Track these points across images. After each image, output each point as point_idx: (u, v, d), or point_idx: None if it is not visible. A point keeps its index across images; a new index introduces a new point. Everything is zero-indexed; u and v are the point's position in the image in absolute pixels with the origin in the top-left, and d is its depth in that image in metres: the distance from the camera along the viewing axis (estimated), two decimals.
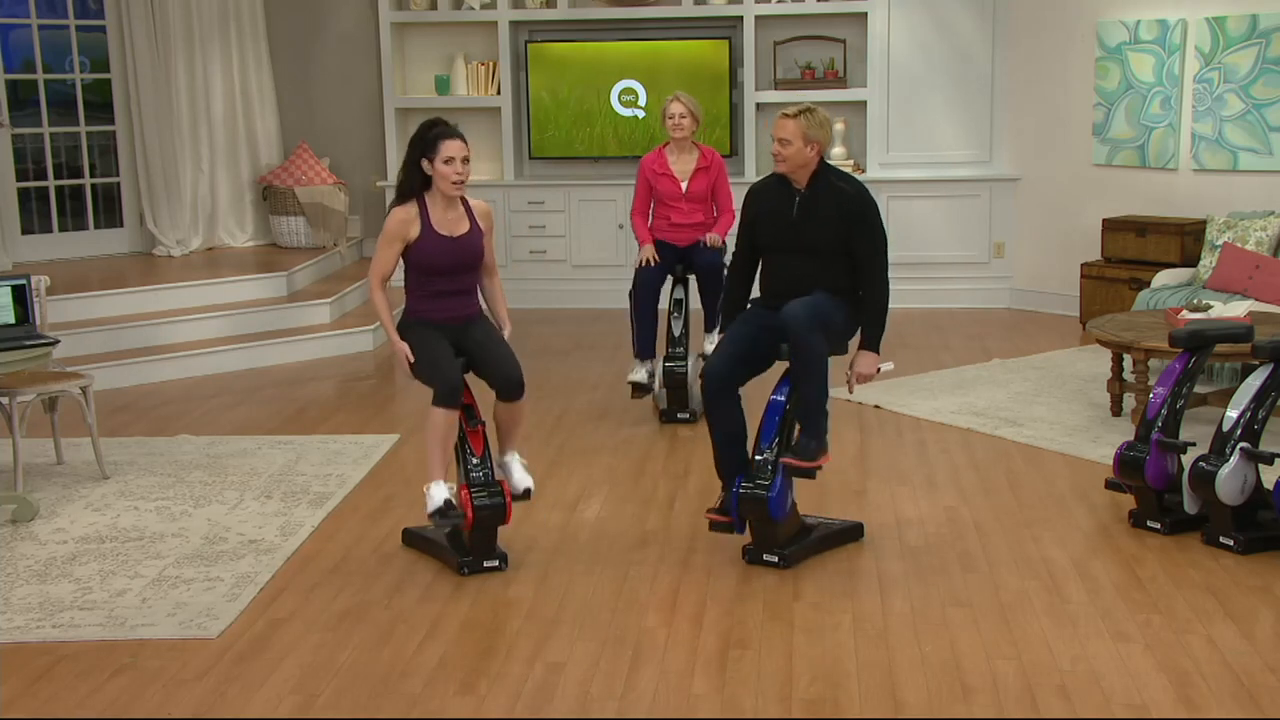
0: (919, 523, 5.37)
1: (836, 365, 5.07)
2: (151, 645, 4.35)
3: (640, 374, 6.96)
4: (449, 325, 4.98)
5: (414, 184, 4.90)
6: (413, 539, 5.16)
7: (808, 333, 4.78)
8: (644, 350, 6.97)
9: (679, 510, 5.56)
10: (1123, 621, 4.39)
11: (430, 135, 4.83)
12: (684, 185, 6.89)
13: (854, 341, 5.11)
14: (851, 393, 5.37)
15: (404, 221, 4.87)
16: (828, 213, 4.93)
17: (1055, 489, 5.75)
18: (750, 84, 9.97)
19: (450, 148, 4.80)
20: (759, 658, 4.17)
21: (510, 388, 4.96)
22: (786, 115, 4.92)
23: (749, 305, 5.18)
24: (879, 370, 5.11)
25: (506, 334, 5.10)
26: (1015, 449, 6.34)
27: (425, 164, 4.84)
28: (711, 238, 6.86)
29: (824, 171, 4.99)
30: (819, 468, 4.90)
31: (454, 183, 4.83)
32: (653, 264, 6.88)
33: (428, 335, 4.93)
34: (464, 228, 4.94)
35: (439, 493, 4.88)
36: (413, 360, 4.89)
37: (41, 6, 9.57)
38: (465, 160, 4.84)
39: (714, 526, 5.00)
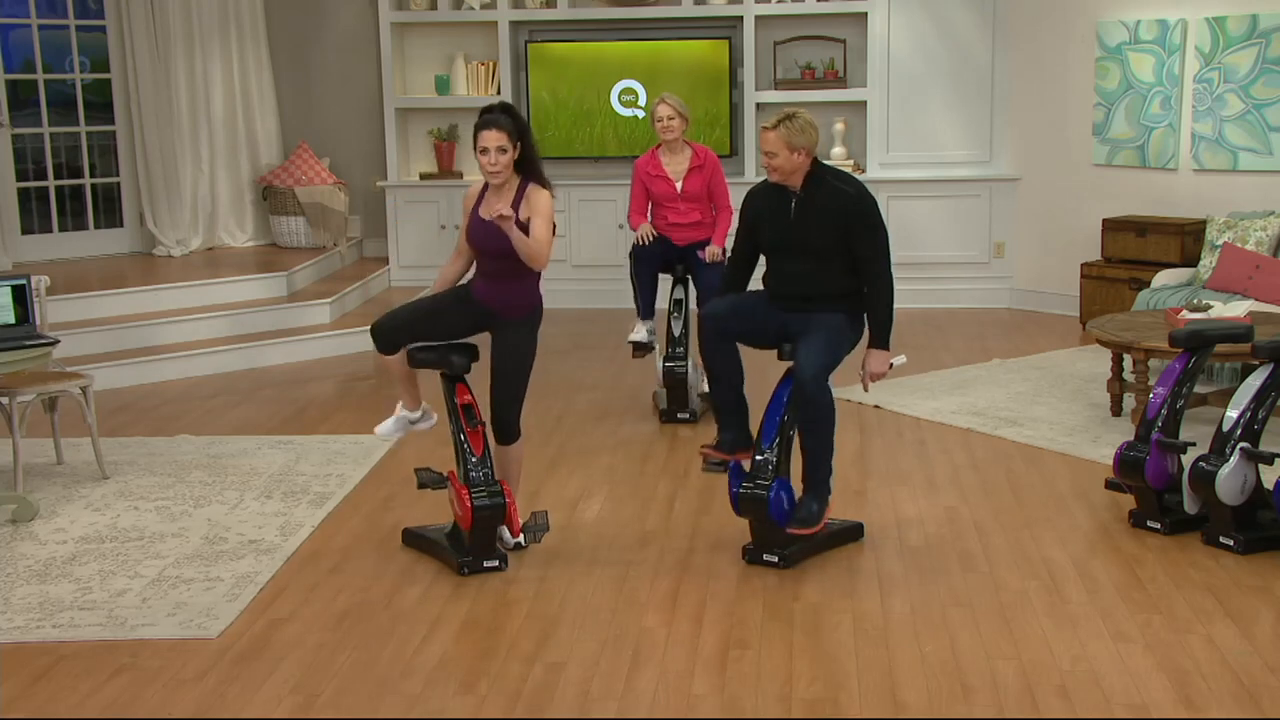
0: (919, 523, 5.37)
1: (845, 366, 5.08)
2: (151, 645, 4.35)
3: (641, 333, 7.05)
4: (484, 307, 4.98)
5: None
6: (413, 539, 5.16)
7: (820, 393, 4.86)
8: (645, 310, 7.04)
9: (679, 510, 5.56)
10: (1123, 621, 4.39)
11: (477, 124, 4.87)
12: (678, 185, 6.90)
13: (862, 341, 5.12)
14: (866, 391, 5.38)
15: (469, 197, 5.00)
16: (826, 213, 4.93)
17: (1055, 489, 5.75)
18: (750, 84, 9.97)
19: (484, 138, 4.83)
20: (759, 658, 4.17)
21: (496, 426, 5.00)
22: (766, 128, 4.94)
23: (760, 292, 5.19)
24: (891, 365, 5.12)
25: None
26: (1015, 449, 6.34)
27: (475, 150, 4.88)
28: (711, 252, 6.85)
29: (819, 172, 5.00)
30: (824, 528, 4.97)
31: (489, 171, 4.86)
32: (649, 241, 6.91)
33: (444, 296, 5.02)
34: (506, 199, 4.91)
35: (389, 420, 5.17)
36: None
37: (41, 6, 9.57)
38: (501, 149, 4.82)
39: (708, 463, 5.06)
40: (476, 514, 4.78)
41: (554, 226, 4.98)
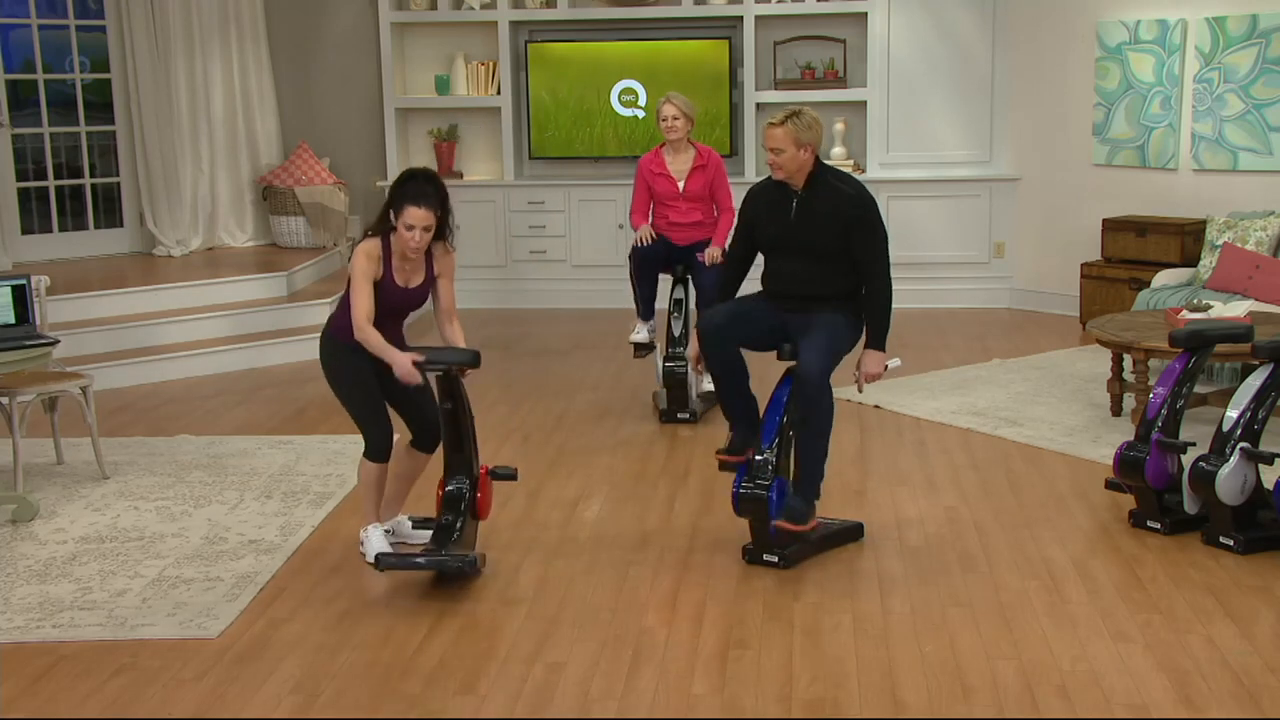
0: (919, 523, 5.37)
1: (842, 366, 5.08)
2: (151, 645, 4.35)
3: (642, 333, 7.06)
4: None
5: (384, 226, 4.83)
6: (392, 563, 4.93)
7: (820, 392, 4.85)
8: (645, 311, 7.04)
9: (679, 510, 5.56)
10: (1123, 621, 4.39)
11: (401, 193, 4.75)
12: (681, 185, 6.90)
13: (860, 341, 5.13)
14: (861, 392, 5.38)
15: (371, 259, 4.78)
16: (826, 213, 4.94)
17: (1055, 489, 5.75)
18: (750, 84, 9.97)
19: (412, 215, 4.70)
20: (759, 658, 4.17)
21: (431, 436, 4.97)
22: (773, 124, 4.93)
23: (756, 295, 5.18)
24: (886, 368, 5.12)
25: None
26: (1015, 449, 6.34)
27: (392, 216, 4.77)
28: (711, 254, 6.85)
29: (821, 171, 5.00)
30: (810, 531, 4.95)
31: (412, 248, 4.77)
32: (649, 242, 6.91)
33: (364, 375, 4.85)
34: (419, 279, 4.91)
35: (376, 537, 4.93)
36: (414, 385, 4.78)
37: (41, 6, 9.57)
38: (427, 229, 4.74)
39: (724, 466, 5.02)
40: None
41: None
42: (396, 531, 5.18)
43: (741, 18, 9.94)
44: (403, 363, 4.71)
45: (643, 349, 7.10)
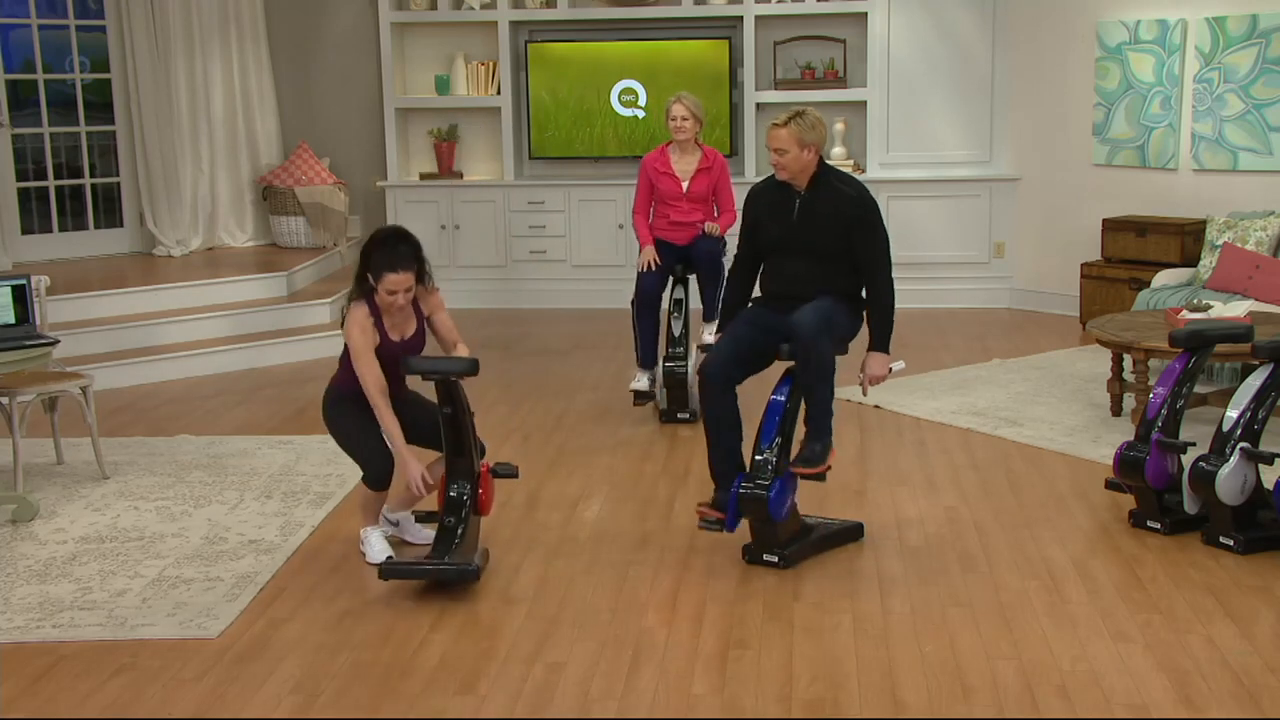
0: (919, 523, 5.37)
1: (844, 367, 5.08)
2: (151, 645, 4.35)
3: (643, 382, 6.98)
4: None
5: (365, 289, 4.85)
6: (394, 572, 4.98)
7: (817, 338, 4.80)
8: (646, 359, 6.99)
9: (679, 510, 5.56)
10: (1123, 621, 4.39)
11: (374, 260, 4.77)
12: (685, 185, 6.90)
13: (862, 343, 5.11)
14: (865, 394, 5.38)
15: (366, 331, 4.82)
16: (828, 214, 4.93)
17: (1055, 489, 5.75)
18: (750, 84, 9.98)
19: (391, 282, 4.74)
20: (759, 658, 4.17)
21: (431, 444, 4.98)
22: (777, 125, 4.92)
23: (750, 304, 5.18)
24: (890, 370, 5.12)
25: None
26: (1015, 449, 6.34)
27: (370, 279, 4.80)
28: (710, 226, 6.86)
29: (824, 172, 5.00)
30: (829, 469, 4.94)
31: (398, 307, 4.82)
32: (654, 267, 6.88)
33: (361, 418, 4.92)
34: (412, 328, 4.95)
35: (376, 538, 5.00)
36: (427, 484, 4.85)
37: (41, 6, 9.57)
38: (408, 290, 4.79)
39: (704, 521, 4.96)
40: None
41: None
42: (401, 525, 5.19)
43: (741, 18, 9.94)
44: (414, 474, 4.81)
45: (643, 397, 6.99)
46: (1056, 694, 3.90)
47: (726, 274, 5.50)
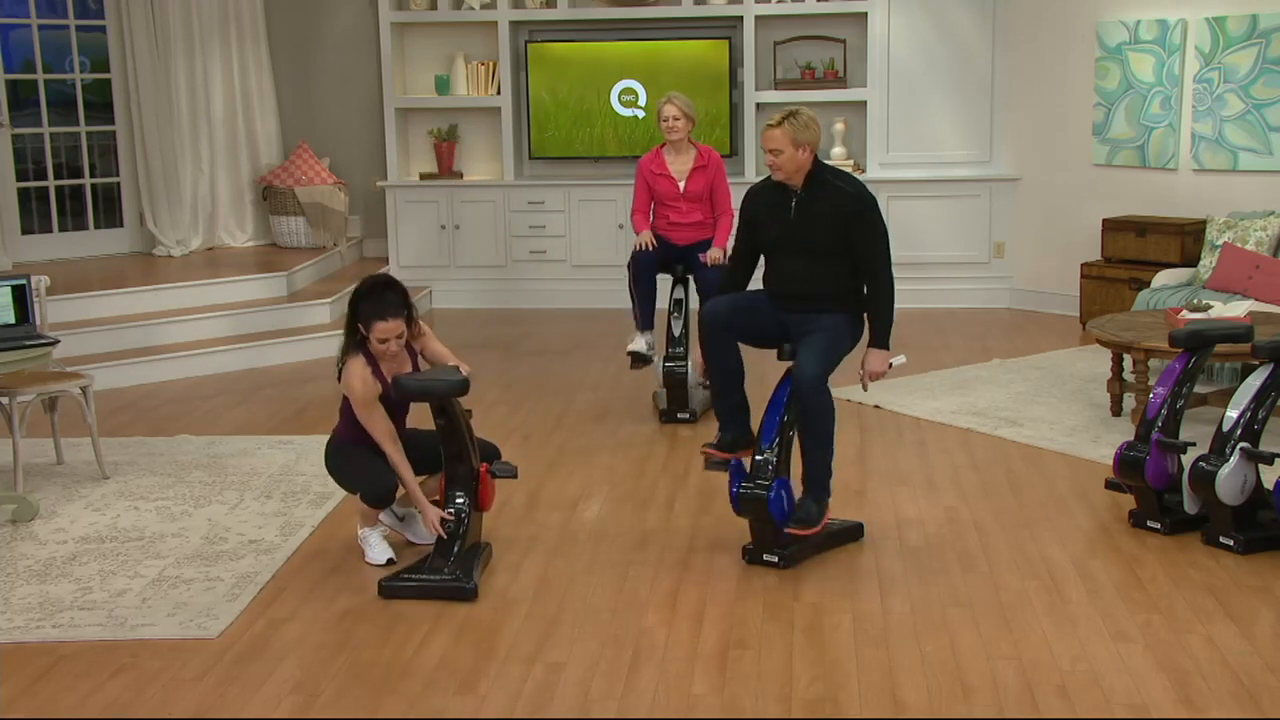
0: (919, 523, 5.37)
1: (844, 366, 5.08)
2: (151, 645, 4.35)
3: (640, 344, 6.98)
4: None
5: (357, 340, 4.89)
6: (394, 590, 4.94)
7: (818, 395, 4.85)
8: (644, 321, 6.99)
9: (679, 510, 5.56)
10: (1123, 621, 4.39)
11: (363, 310, 4.81)
12: (681, 185, 6.90)
13: (861, 341, 5.12)
14: (866, 390, 5.39)
15: (368, 384, 4.86)
16: (826, 212, 4.94)
17: (1055, 489, 5.75)
18: (750, 84, 9.97)
19: (381, 330, 4.78)
20: (759, 658, 4.17)
21: (433, 468, 5.02)
22: (771, 125, 4.94)
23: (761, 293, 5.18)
24: (891, 365, 5.12)
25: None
26: (1015, 449, 6.34)
27: (361, 328, 4.84)
28: (713, 255, 6.83)
29: (820, 171, 5.00)
30: (824, 528, 4.98)
31: (390, 354, 4.86)
32: (650, 249, 6.89)
33: (364, 456, 4.96)
34: (408, 367, 4.99)
35: (375, 539, 5.02)
36: (444, 527, 4.84)
37: (41, 6, 9.57)
38: (399, 336, 4.83)
39: (709, 462, 5.03)
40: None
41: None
42: (406, 521, 5.20)
43: (741, 18, 9.94)
44: (433, 520, 4.82)
45: (640, 360, 7.00)
46: (1056, 694, 3.90)
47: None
